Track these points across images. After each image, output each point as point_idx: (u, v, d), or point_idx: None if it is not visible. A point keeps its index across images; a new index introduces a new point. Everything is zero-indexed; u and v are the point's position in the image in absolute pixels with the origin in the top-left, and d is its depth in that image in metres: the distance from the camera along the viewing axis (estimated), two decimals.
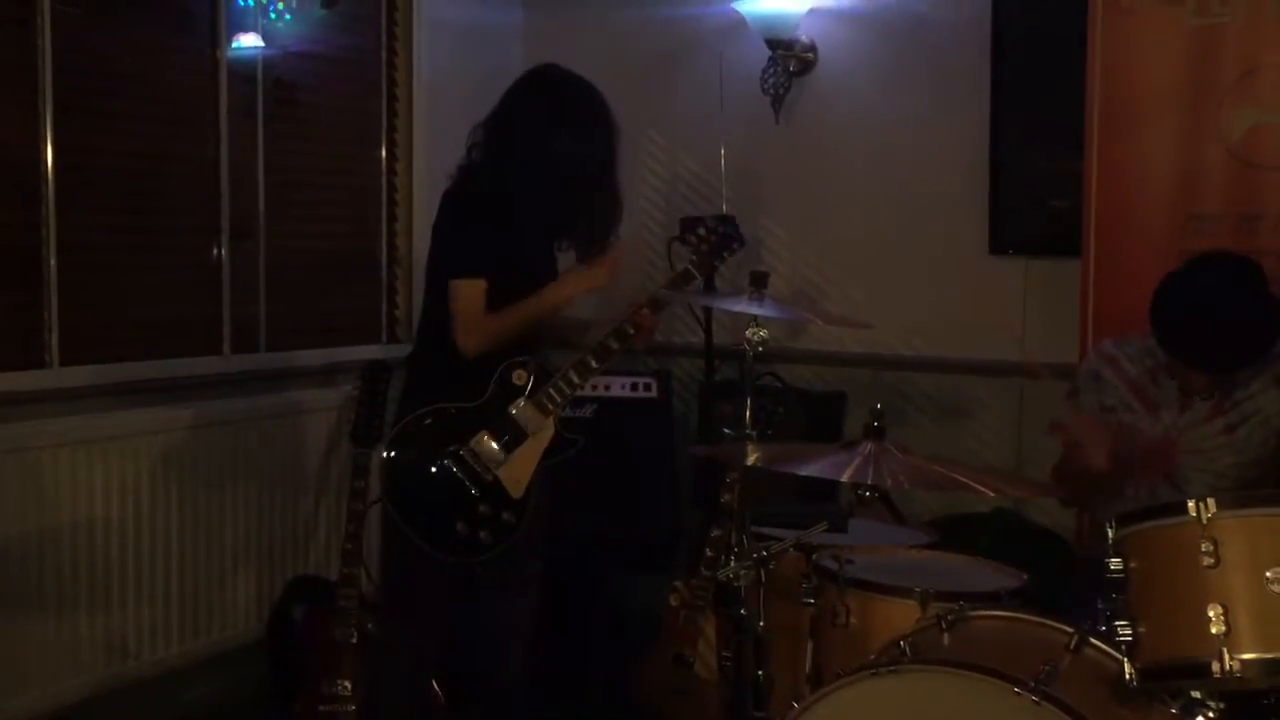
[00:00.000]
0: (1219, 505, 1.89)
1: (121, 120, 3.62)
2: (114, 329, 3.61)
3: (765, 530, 2.64)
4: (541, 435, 2.83)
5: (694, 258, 2.90)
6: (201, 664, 3.68)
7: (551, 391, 2.82)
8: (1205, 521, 1.88)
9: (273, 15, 4.00)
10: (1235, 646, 1.83)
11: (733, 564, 2.42)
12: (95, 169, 3.54)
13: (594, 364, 2.82)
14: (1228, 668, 1.83)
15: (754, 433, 2.54)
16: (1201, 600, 1.86)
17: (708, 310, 4.17)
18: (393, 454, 2.86)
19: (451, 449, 2.80)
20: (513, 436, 2.81)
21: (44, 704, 3.28)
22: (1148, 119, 3.37)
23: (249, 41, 3.92)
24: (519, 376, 2.83)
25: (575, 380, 2.83)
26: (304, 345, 4.06)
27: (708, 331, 4.17)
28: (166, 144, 3.74)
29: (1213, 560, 1.86)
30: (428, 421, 2.84)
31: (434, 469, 2.80)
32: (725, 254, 2.93)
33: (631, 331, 2.83)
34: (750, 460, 2.40)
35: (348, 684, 3.31)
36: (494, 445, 2.80)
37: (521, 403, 2.82)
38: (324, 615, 3.39)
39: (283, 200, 4.02)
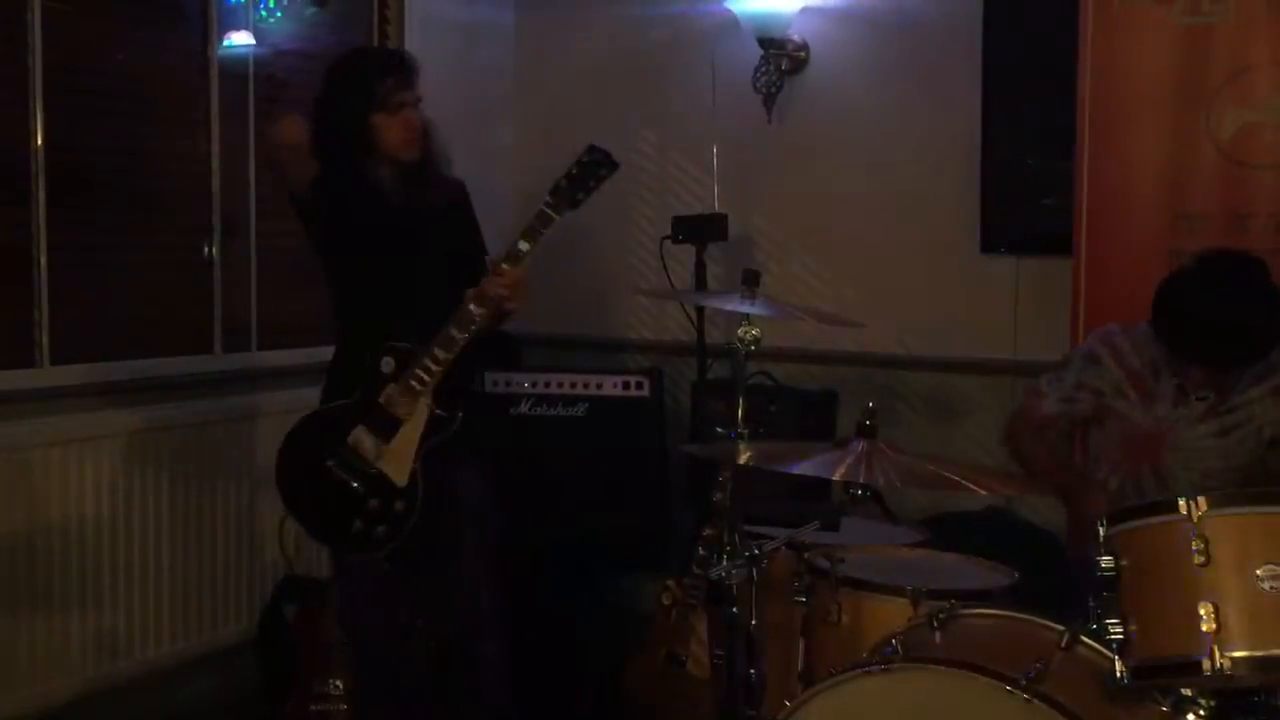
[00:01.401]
0: (1210, 504, 1.90)
1: (112, 118, 3.61)
2: (104, 328, 3.60)
3: (757, 529, 2.65)
4: (415, 419, 2.78)
5: (550, 199, 2.73)
6: (192, 664, 3.67)
7: (419, 372, 2.76)
8: (1196, 520, 1.89)
9: (263, 13, 3.99)
10: (1226, 644, 1.84)
11: (725, 562, 2.42)
12: (86, 167, 3.52)
13: (457, 334, 2.73)
14: (1218, 665, 1.83)
15: (746, 431, 2.54)
16: (1192, 598, 1.87)
17: (700, 309, 4.17)
18: (281, 465, 2.86)
19: (332, 450, 2.79)
20: (387, 425, 2.78)
21: (33, 704, 3.26)
22: (1138, 118, 3.37)
23: (240, 39, 3.91)
24: (386, 364, 2.79)
25: (440, 355, 2.74)
26: (295, 344, 4.05)
27: (700, 330, 4.18)
28: (157, 142, 3.73)
29: (1203, 558, 1.87)
30: (308, 428, 2.84)
31: (319, 474, 2.79)
32: (592, 184, 2.74)
33: (491, 294, 2.73)
34: (742, 459, 2.40)
35: (339, 683, 3.30)
36: (370, 438, 2.78)
37: (390, 389, 2.78)
38: (315, 614, 3.38)
39: (274, 199, 4.00)
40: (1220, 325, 2.62)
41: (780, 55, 4.26)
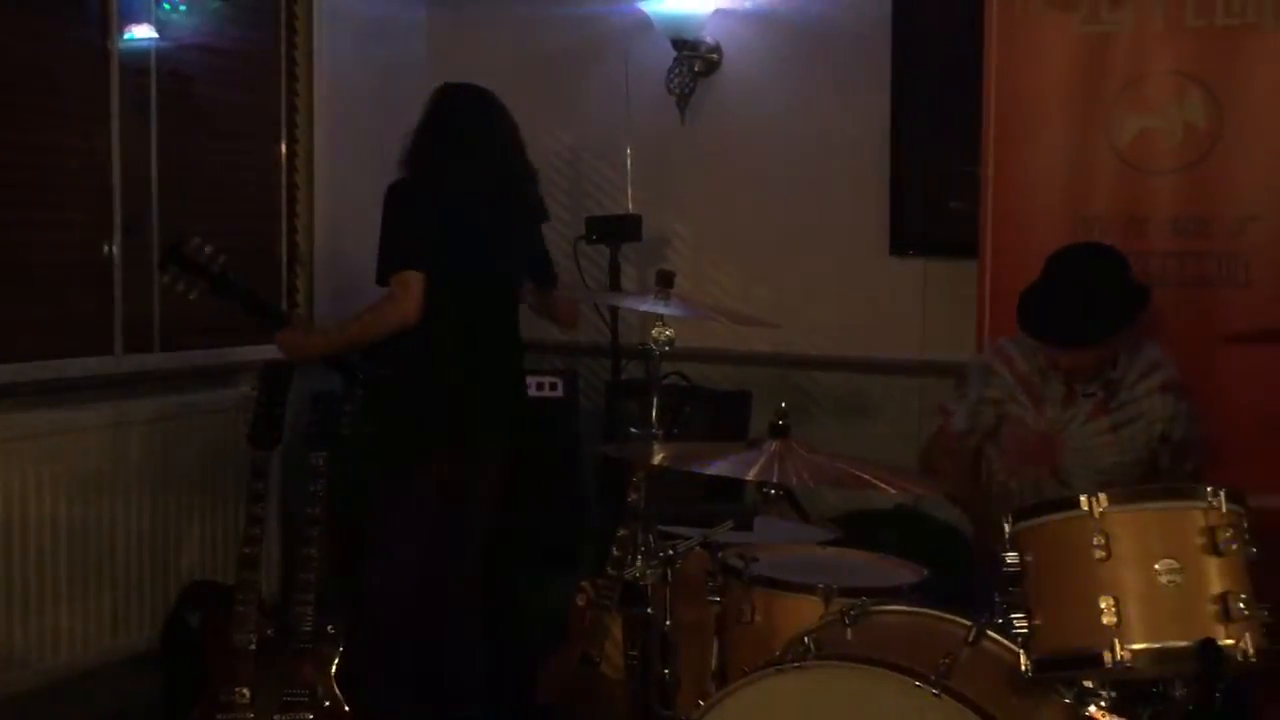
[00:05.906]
0: (1110, 500, 1.94)
1: (8, 111, 3.50)
2: (1, 328, 3.49)
3: (672, 529, 2.65)
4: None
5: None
6: (93, 674, 3.58)
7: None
8: (1097, 516, 1.93)
9: (166, 6, 3.90)
10: (1126, 637, 1.88)
11: (639, 563, 2.42)
12: None
13: None
14: (1119, 658, 1.88)
15: (660, 432, 2.54)
16: (1094, 592, 1.91)
17: (614, 309, 4.17)
18: None
19: None
20: None
21: None
22: (1041, 123, 3.44)
23: (141, 33, 3.82)
24: None
25: None
26: (200, 345, 3.96)
27: (614, 331, 4.17)
28: (56, 137, 3.62)
29: (1104, 553, 1.91)
30: None
31: None
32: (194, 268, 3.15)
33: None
34: (656, 459, 2.40)
35: (246, 691, 3.23)
36: None
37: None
38: (221, 621, 3.31)
39: (177, 196, 3.92)
40: (1049, 299, 2.77)
41: (693, 57, 4.28)
